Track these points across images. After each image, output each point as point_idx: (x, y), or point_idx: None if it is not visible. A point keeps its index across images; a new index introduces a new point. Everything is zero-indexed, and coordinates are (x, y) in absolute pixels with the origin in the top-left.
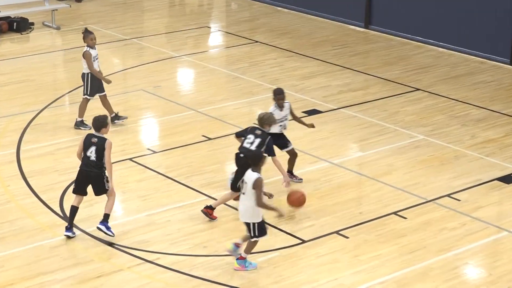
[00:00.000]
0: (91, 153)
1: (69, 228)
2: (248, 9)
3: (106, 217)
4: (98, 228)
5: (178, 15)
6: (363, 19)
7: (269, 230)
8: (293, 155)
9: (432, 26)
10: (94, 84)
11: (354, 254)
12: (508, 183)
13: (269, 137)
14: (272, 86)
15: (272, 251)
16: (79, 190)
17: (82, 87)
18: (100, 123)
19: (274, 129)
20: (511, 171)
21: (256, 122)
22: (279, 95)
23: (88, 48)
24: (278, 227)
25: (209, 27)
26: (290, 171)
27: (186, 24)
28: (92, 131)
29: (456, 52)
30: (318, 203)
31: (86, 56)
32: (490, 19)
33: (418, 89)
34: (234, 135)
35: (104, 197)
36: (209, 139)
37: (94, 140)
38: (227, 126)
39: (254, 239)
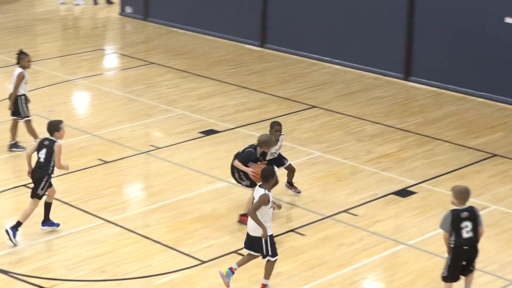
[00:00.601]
0: (41, 154)
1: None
2: (142, 31)
3: (18, 224)
4: (6, 230)
5: (72, 38)
6: (258, 38)
7: (175, 254)
8: (291, 170)
9: (327, 43)
10: (26, 103)
11: (254, 273)
12: (403, 196)
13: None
14: (169, 107)
15: (171, 273)
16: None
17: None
18: (53, 126)
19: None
20: (406, 185)
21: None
22: (277, 126)
23: (23, 69)
24: (177, 248)
25: (104, 50)
26: (289, 182)
27: (80, 47)
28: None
29: (351, 69)
30: (217, 223)
31: (19, 77)
32: (383, 35)
33: (314, 106)
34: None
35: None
36: (106, 162)
37: (46, 142)
38: (123, 149)
39: (268, 258)
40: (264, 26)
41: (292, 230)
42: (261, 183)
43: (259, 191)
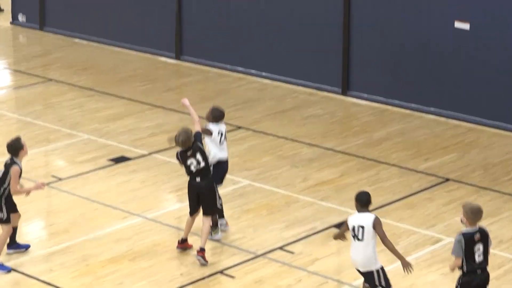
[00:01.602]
0: None
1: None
2: (39, 42)
3: None
4: None
5: None
6: (174, 49)
7: None
8: None
9: (254, 54)
10: None
11: None
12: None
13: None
14: (73, 131)
15: None
16: None
17: None
18: (16, 145)
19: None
20: (349, 215)
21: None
22: None
23: None
24: None
25: None
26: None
27: None
28: None
29: (282, 84)
30: (132, 266)
31: None
32: (318, 45)
33: (240, 127)
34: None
35: None
36: None
37: (7, 162)
38: (20, 180)
39: None
40: (180, 35)
41: (220, 272)
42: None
43: (368, 217)
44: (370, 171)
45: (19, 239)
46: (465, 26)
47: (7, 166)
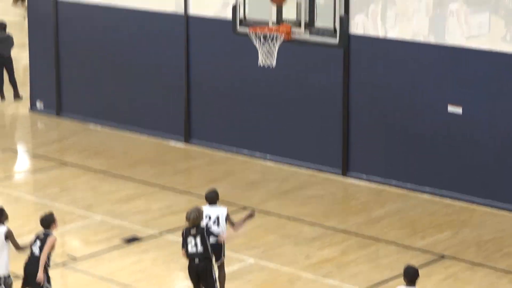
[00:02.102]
0: (35, 247)
1: None
2: (55, 128)
3: None
4: None
5: None
6: (182, 133)
7: None
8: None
9: (258, 138)
10: None
11: None
12: None
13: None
14: (87, 213)
15: None
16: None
17: None
18: (47, 221)
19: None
20: None
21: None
22: None
23: None
24: None
25: (14, 150)
26: None
27: None
28: None
29: (284, 166)
30: None
31: None
32: (318, 128)
33: (245, 207)
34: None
35: None
36: (16, 276)
37: (41, 235)
38: None
39: None
40: (189, 120)
41: None
42: None
43: None
44: (370, 248)
45: None
46: (458, 110)
47: (44, 238)
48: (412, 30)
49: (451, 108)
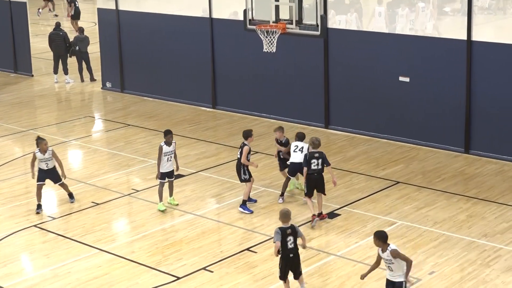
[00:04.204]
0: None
1: None
2: (120, 100)
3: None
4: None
5: (65, 109)
6: (211, 101)
7: (149, 270)
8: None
9: (265, 103)
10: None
11: (218, 284)
12: (331, 218)
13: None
14: (144, 159)
15: None
16: None
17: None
18: (246, 134)
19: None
20: (333, 209)
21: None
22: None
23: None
24: (157, 268)
25: (91, 117)
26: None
27: (72, 115)
28: None
29: (283, 122)
30: (187, 247)
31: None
32: (306, 94)
33: (257, 152)
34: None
35: None
36: (97, 204)
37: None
38: (110, 193)
39: None
40: (215, 92)
41: (247, 249)
42: None
43: None
44: (345, 178)
45: (111, 237)
46: (406, 79)
47: (241, 146)
48: (372, 24)
49: (402, 78)
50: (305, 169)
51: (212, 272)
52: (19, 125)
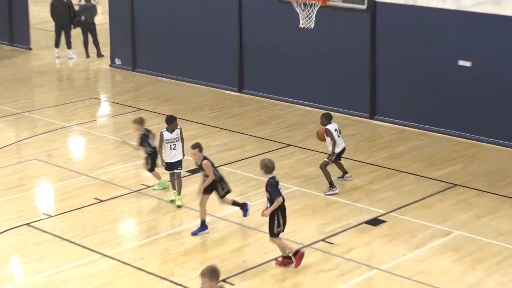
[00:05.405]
0: None
1: None
2: (131, 80)
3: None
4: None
5: (67, 88)
6: (236, 84)
7: (160, 281)
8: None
9: (300, 87)
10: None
11: None
12: (375, 225)
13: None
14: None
15: None
16: None
17: None
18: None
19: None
20: (377, 214)
21: None
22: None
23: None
24: (169, 278)
25: (96, 98)
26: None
27: (75, 96)
28: None
29: (321, 110)
30: (204, 255)
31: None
32: (350, 79)
33: (289, 145)
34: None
35: None
36: (101, 201)
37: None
38: (117, 188)
39: None
40: (241, 73)
41: (274, 259)
42: None
43: None
44: (393, 178)
45: (116, 240)
46: (467, 63)
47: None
48: None
49: (462, 62)
50: (279, 199)
51: (233, 284)
52: (14, 106)
